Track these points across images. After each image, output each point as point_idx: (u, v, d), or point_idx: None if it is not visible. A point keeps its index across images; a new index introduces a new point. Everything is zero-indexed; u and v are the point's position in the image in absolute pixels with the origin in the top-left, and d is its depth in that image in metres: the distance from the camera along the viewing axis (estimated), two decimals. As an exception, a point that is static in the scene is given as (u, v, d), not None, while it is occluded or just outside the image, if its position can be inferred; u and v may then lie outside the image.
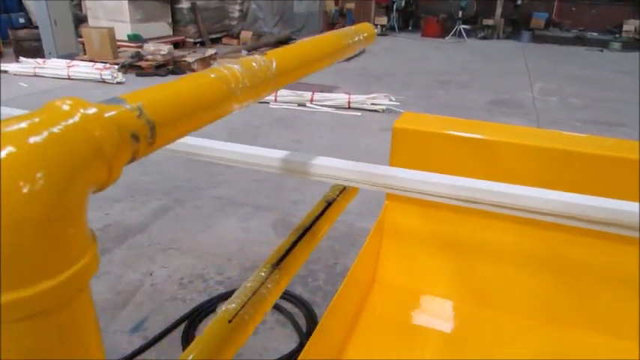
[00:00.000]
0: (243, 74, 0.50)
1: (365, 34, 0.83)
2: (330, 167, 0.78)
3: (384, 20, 12.72)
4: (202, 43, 9.18)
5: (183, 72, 6.77)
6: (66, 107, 0.32)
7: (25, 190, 0.26)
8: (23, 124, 0.29)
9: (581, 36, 11.98)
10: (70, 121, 0.31)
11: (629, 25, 11.85)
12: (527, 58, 9.30)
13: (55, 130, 0.29)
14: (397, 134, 0.96)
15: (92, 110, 0.33)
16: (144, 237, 2.61)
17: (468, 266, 0.89)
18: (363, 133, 4.53)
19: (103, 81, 6.04)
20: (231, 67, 0.51)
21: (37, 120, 0.29)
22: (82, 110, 0.32)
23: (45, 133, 0.29)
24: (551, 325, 0.80)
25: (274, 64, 0.56)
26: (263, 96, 0.54)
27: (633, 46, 11.19)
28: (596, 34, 12.29)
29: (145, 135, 0.35)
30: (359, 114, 5.06)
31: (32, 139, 0.28)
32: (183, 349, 1.82)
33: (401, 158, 0.93)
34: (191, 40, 8.94)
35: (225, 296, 2.10)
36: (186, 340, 1.87)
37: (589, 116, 5.28)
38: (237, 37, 9.70)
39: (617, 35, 11.66)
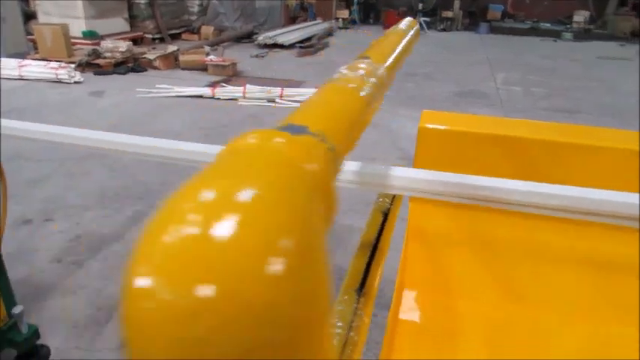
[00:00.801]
0: (367, 80, 0.46)
1: (413, 30, 0.81)
2: (373, 174, 0.73)
3: (345, 13, 12.71)
4: (161, 39, 8.88)
5: (144, 69, 6.53)
6: (265, 143, 0.26)
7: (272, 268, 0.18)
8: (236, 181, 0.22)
9: (536, 27, 12.39)
10: (283, 159, 0.25)
11: (579, 16, 12.34)
12: (487, 49, 9.52)
13: (273, 174, 0.23)
14: (423, 134, 0.92)
15: (295, 143, 0.27)
16: (120, 246, 2.48)
17: (501, 266, 0.87)
18: (336, 128, 4.49)
19: (59, 81, 5.73)
20: (354, 75, 0.46)
21: (247, 168, 0.23)
22: (284, 146, 0.26)
23: (261, 184, 0.21)
24: (592, 321, 0.79)
25: (380, 66, 0.51)
26: (381, 102, 0.49)
27: (584, 35, 11.66)
28: (548, 24, 12.74)
29: (332, 161, 0.29)
30: (330, 109, 5.02)
31: (250, 194, 0.21)
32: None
33: (427, 159, 0.90)
34: (150, 36, 8.62)
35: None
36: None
37: (551, 105, 5.45)
38: (198, 32, 9.44)
39: (569, 26, 12.11)
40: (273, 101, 5.19)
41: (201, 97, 5.30)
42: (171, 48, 6.75)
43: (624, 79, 7.12)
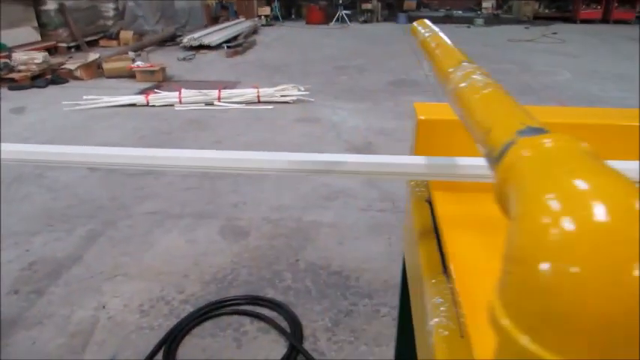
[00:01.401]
0: (489, 78, 0.48)
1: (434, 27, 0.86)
2: (398, 164, 0.76)
3: (267, 11, 12.65)
4: (78, 48, 8.36)
5: (65, 80, 6.13)
6: (565, 143, 0.27)
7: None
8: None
9: (450, 14, 13.07)
10: (593, 153, 0.26)
11: (487, 2, 13.20)
12: (409, 39, 9.90)
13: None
14: (422, 126, 0.97)
15: (575, 141, 0.27)
16: (81, 269, 2.35)
17: None
18: (282, 125, 4.50)
19: (-31, 100, 5.22)
20: (481, 78, 0.49)
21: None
22: (577, 143, 0.27)
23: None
24: None
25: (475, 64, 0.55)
26: None
27: (493, 21, 12.49)
28: (460, 12, 13.50)
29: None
30: (271, 107, 5.01)
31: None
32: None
33: (425, 150, 0.95)
34: (64, 44, 8.09)
35: (200, 313, 1.98)
36: (170, 369, 1.74)
37: (477, 88, 5.80)
38: (117, 38, 8.98)
39: (479, 12, 12.91)
40: (212, 104, 5.09)
41: (134, 105, 5.08)
42: (93, 56, 6.38)
43: (534, 59, 7.74)
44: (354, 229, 2.70)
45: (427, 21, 0.94)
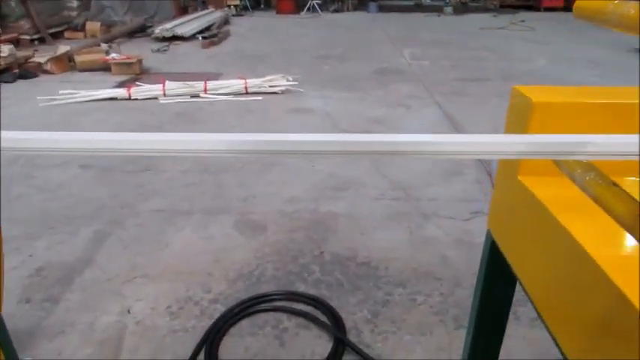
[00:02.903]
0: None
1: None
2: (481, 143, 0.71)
3: (236, 0, 12.38)
4: (41, 40, 7.92)
5: (34, 75, 5.80)
6: None
7: None
8: None
9: (419, 3, 13.18)
10: None
11: (454, -9, 13.35)
12: (383, 27, 9.92)
13: None
14: (537, 110, 0.94)
15: None
16: (94, 272, 2.22)
17: None
18: (276, 116, 4.41)
19: None
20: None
21: None
22: None
23: None
24: None
25: None
26: None
27: (462, 9, 12.68)
28: (429, 1, 13.62)
29: None
30: (260, 98, 4.90)
31: None
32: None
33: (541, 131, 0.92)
34: (27, 37, 7.64)
35: (234, 312, 1.90)
36: (215, 372, 1.66)
37: (462, 75, 5.87)
38: (83, 29, 8.58)
39: (448, 1, 13.05)
40: (197, 96, 4.92)
41: (115, 99, 4.85)
42: (63, 48, 6.06)
43: (508, 46, 7.89)
44: (371, 218, 2.67)
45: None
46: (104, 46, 6.40)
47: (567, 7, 12.99)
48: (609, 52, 7.55)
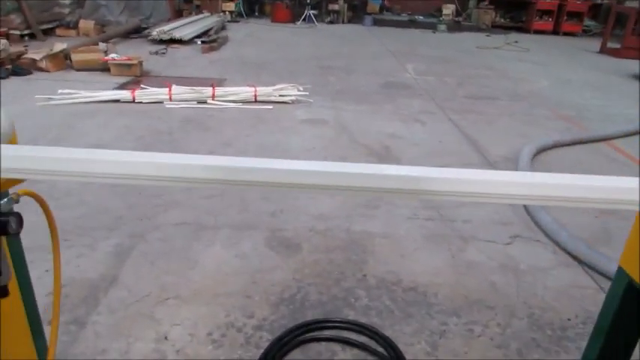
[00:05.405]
0: None
1: None
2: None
3: (231, 6, 12.22)
4: (32, 36, 7.61)
5: (28, 72, 5.51)
6: None
7: None
8: None
9: (413, 19, 13.26)
10: None
11: (448, 9, 13.51)
12: (382, 41, 9.90)
13: None
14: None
15: None
16: (121, 292, 2.02)
17: None
18: (290, 126, 4.26)
19: None
20: None
21: None
22: None
23: None
24: None
25: None
26: None
27: (455, 27, 12.81)
28: (422, 17, 13.73)
29: None
30: (270, 107, 4.75)
31: None
32: None
33: None
34: (17, 32, 7.32)
35: (283, 341, 1.74)
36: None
37: (469, 93, 5.85)
38: (75, 27, 8.29)
39: (441, 18, 13.18)
40: (204, 102, 4.75)
41: (118, 101, 4.63)
42: (60, 46, 5.79)
43: (507, 66, 7.96)
44: (409, 239, 2.55)
45: None
46: (102, 45, 6.15)
47: (555, 31, 13.32)
48: (606, 76, 7.69)
